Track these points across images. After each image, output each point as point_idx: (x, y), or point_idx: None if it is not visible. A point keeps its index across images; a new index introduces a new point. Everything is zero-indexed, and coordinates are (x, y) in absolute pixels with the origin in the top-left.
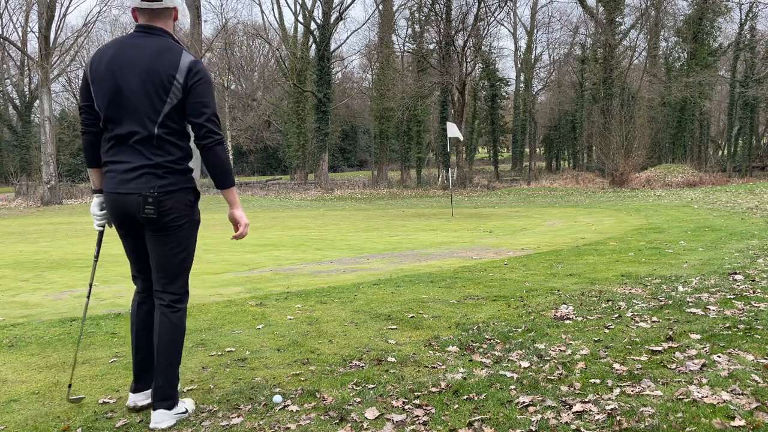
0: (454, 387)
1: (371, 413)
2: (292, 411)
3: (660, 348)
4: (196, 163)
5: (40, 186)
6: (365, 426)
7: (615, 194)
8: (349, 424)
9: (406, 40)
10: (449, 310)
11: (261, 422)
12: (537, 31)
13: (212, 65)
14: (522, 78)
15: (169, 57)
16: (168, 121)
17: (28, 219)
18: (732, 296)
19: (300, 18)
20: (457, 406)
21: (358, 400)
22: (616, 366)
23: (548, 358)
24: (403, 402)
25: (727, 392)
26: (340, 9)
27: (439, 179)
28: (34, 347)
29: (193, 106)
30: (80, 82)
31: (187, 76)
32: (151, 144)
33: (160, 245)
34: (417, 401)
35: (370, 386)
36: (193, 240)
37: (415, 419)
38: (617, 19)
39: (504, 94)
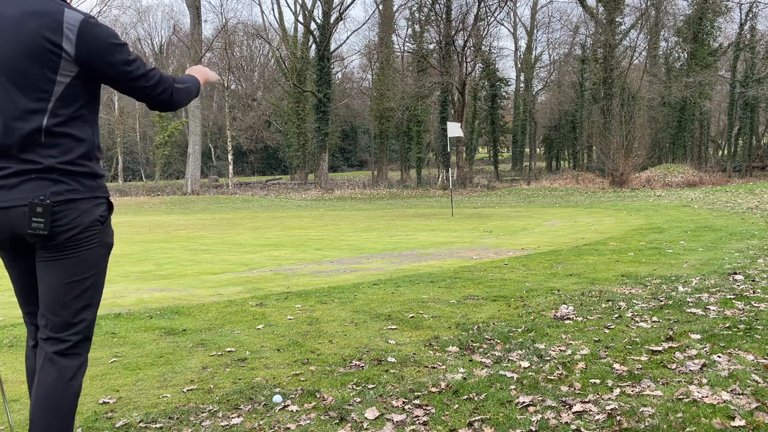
0: (454, 387)
1: (371, 413)
2: (292, 411)
3: (660, 348)
4: (194, 164)
5: None
6: (365, 426)
7: (615, 194)
8: (349, 424)
9: (406, 40)
10: (449, 310)
11: (261, 422)
12: (537, 31)
13: (212, 65)
14: (522, 78)
15: (48, 20)
16: (61, 108)
17: None
18: (732, 296)
19: (300, 18)
20: (457, 406)
21: (358, 400)
22: (616, 366)
23: (548, 358)
24: (403, 402)
25: (727, 392)
26: (340, 9)
27: (439, 179)
28: None
29: (111, 79)
30: None
31: (81, 43)
32: (38, 142)
33: (51, 273)
34: (417, 401)
35: (370, 386)
36: (102, 270)
37: (415, 419)
38: (617, 19)
39: (504, 94)
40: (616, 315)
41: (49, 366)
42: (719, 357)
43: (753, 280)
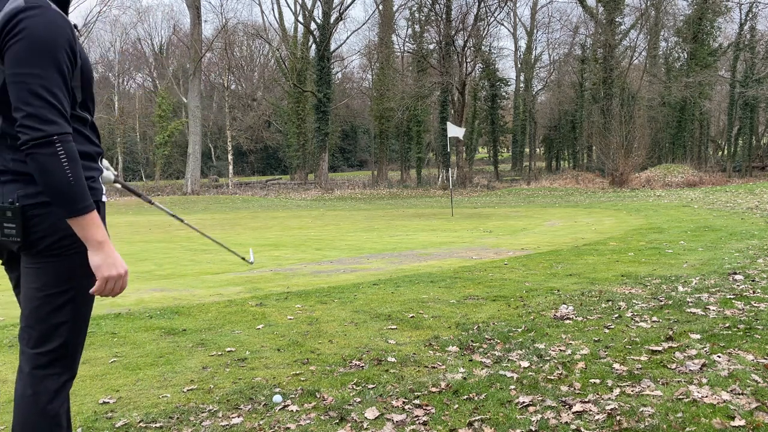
0: (454, 387)
1: (371, 413)
2: (292, 411)
3: (660, 348)
4: (194, 164)
5: None
6: (365, 426)
7: (615, 194)
8: (349, 424)
9: (406, 40)
10: (449, 310)
11: (261, 422)
12: (537, 31)
13: (212, 65)
14: (522, 78)
15: None
16: (6, 108)
17: None
18: (732, 296)
19: (300, 18)
20: (457, 406)
21: (358, 400)
22: (616, 366)
23: (548, 358)
24: (403, 402)
25: (727, 392)
26: (340, 9)
27: (439, 179)
28: None
29: (8, 83)
30: None
31: (0, 34)
32: (4, 145)
33: (29, 281)
34: (417, 401)
35: (370, 386)
36: (86, 283)
37: (415, 419)
38: (617, 19)
39: (504, 94)
40: (616, 315)
41: (24, 387)
42: (719, 357)
43: (753, 280)
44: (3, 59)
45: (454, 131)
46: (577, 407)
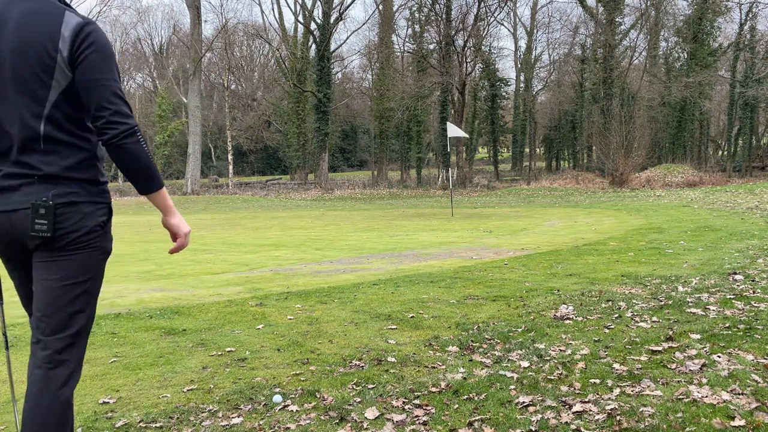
0: (454, 387)
1: (371, 413)
2: (292, 411)
3: (660, 348)
4: (194, 164)
5: None
6: (365, 426)
7: (615, 194)
8: (349, 424)
9: (406, 40)
10: (449, 310)
11: (261, 422)
12: (537, 31)
13: (212, 65)
14: (522, 78)
15: (47, 22)
16: (58, 113)
17: None
18: (732, 296)
19: (300, 18)
20: (457, 406)
21: (358, 400)
22: (616, 366)
23: (548, 358)
24: (403, 402)
25: (727, 392)
26: (340, 9)
27: (439, 179)
28: None
29: (84, 86)
30: None
31: (73, 45)
32: (37, 149)
33: (47, 274)
34: (417, 401)
35: (370, 386)
36: (99, 276)
37: (415, 419)
38: (617, 19)
39: (504, 94)
40: (616, 315)
41: (37, 372)
42: (719, 357)
43: (753, 280)
44: (73, 68)
45: (455, 132)
46: (577, 407)
